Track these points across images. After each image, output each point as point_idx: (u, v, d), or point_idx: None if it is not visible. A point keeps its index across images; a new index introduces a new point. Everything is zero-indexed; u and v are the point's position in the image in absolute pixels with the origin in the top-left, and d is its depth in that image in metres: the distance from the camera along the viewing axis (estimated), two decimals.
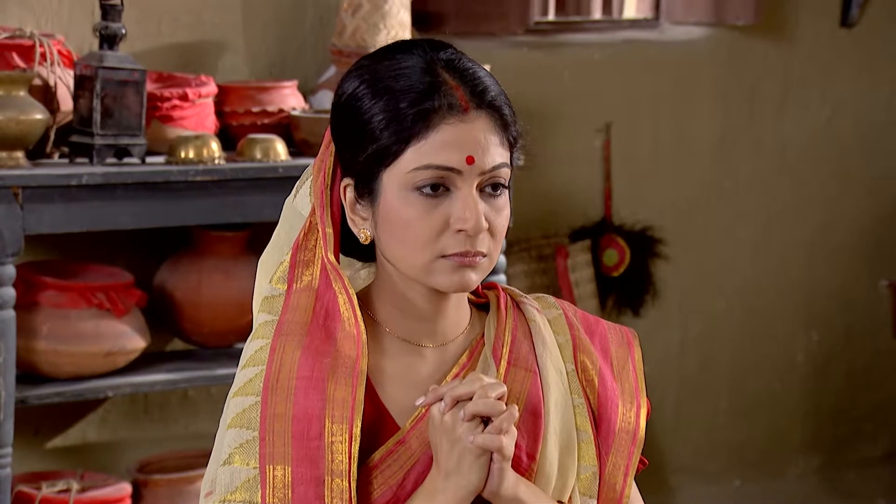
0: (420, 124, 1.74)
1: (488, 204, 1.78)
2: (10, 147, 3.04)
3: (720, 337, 4.48)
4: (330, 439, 1.72)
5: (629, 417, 1.90)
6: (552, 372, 1.87)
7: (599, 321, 1.98)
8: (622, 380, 1.92)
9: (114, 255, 3.49)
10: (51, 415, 3.49)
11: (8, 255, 3.00)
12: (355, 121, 1.77)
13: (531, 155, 3.85)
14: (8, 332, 3.00)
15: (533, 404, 1.83)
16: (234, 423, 1.75)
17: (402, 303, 1.82)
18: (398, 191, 1.75)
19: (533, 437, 1.82)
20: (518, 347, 1.86)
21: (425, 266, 1.77)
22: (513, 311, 1.91)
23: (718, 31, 4.35)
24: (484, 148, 1.76)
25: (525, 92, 4.00)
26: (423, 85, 1.74)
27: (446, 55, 1.78)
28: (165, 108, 3.26)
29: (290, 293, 1.81)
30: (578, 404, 1.87)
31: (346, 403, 1.73)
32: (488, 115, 1.77)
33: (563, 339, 1.91)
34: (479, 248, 1.77)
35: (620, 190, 4.21)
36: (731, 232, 4.46)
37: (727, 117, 4.40)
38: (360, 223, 1.80)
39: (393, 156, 1.75)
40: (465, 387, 1.74)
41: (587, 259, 4.03)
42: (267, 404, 1.73)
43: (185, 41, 3.56)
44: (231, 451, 1.73)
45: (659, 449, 4.39)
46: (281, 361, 1.76)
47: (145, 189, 3.10)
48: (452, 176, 1.75)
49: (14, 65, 3.15)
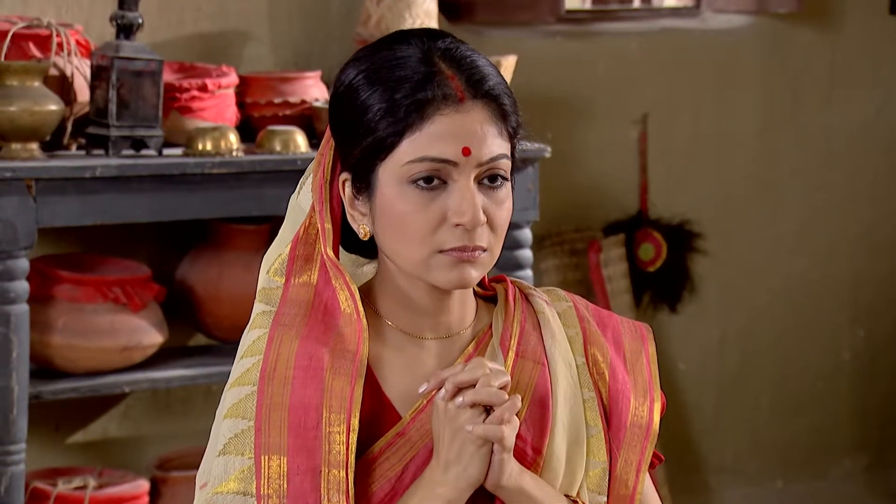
0: (414, 115, 1.70)
1: (487, 197, 1.74)
2: (24, 138, 2.99)
3: (762, 333, 4.39)
4: (327, 430, 1.68)
5: (642, 412, 1.85)
6: (561, 364, 1.82)
7: (612, 315, 1.93)
8: (635, 373, 1.87)
9: (136, 249, 3.45)
10: (72, 410, 3.45)
11: (21, 249, 2.95)
12: (351, 112, 1.74)
13: (563, 148, 3.81)
14: (21, 327, 2.95)
15: (541, 396, 1.79)
16: (230, 413, 1.72)
17: (404, 298, 1.79)
18: (394, 184, 1.72)
19: (540, 431, 1.78)
20: (526, 339, 1.82)
21: (423, 261, 1.73)
22: (521, 303, 1.87)
23: (761, 19, 4.26)
24: (481, 139, 1.72)
25: (557, 83, 3.94)
26: (418, 75, 1.71)
27: (444, 44, 1.74)
28: (184, 99, 3.21)
29: (289, 287, 1.79)
30: (589, 398, 1.83)
31: (344, 394, 1.70)
32: (485, 105, 1.73)
33: (574, 332, 1.87)
34: (479, 242, 1.73)
35: (657, 183, 4.14)
36: (774, 225, 4.37)
37: (770, 108, 4.31)
38: (359, 218, 1.77)
39: (388, 148, 1.72)
40: (468, 373, 1.70)
41: (621, 253, 3.95)
42: (263, 394, 1.71)
43: (209, 31, 3.51)
44: (226, 441, 1.70)
45: (698, 449, 4.31)
46: (279, 351, 1.73)
47: (161, 182, 3.05)
48: (448, 168, 1.71)
49: (30, 55, 3.10)
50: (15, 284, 2.95)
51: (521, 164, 3.36)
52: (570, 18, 3.97)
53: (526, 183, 3.36)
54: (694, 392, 4.29)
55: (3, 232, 2.92)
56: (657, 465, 1.89)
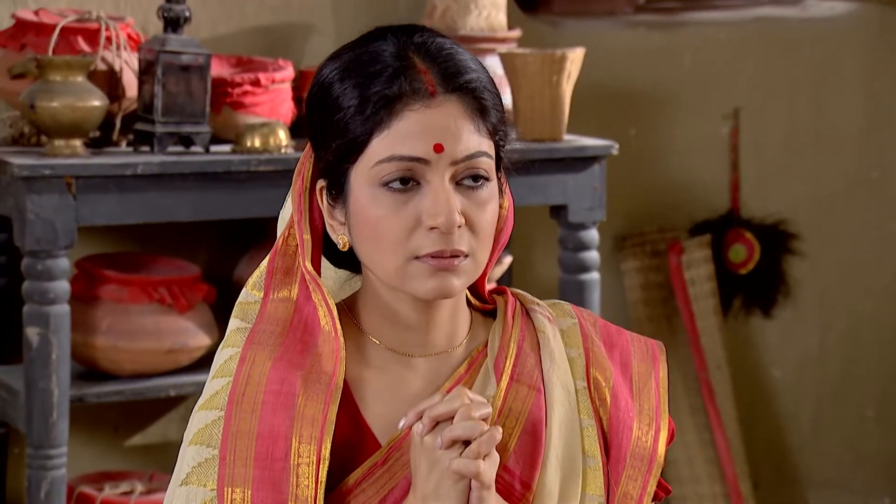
0: (383, 112, 1.60)
1: (467, 197, 1.62)
2: (66, 135, 2.92)
3: (866, 339, 4.18)
4: (296, 461, 1.59)
5: (645, 442, 1.72)
6: (558, 389, 1.71)
7: (622, 332, 1.80)
8: (641, 399, 1.75)
9: (194, 249, 3.37)
10: (131, 412, 3.39)
11: (60, 248, 2.88)
12: (322, 111, 1.65)
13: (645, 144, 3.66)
14: (61, 328, 2.88)
15: (533, 425, 1.67)
16: (195, 439, 1.63)
17: (388, 313, 1.68)
18: (366, 188, 1.62)
19: (530, 463, 1.66)
20: (523, 361, 1.71)
21: (399, 270, 1.62)
22: (521, 319, 1.75)
23: (867, 6, 4.05)
24: (455, 135, 1.60)
25: (640, 76, 3.78)
26: (388, 70, 1.61)
27: (420, 38, 1.64)
28: (236, 94, 3.11)
29: (267, 301, 1.69)
30: (588, 426, 1.71)
31: (315, 422, 1.60)
32: (460, 100, 1.61)
33: (576, 353, 1.74)
34: (457, 246, 1.61)
35: (750, 181, 3.95)
36: (879, 226, 4.15)
37: (875, 102, 4.09)
38: (338, 228, 1.67)
39: (358, 148, 1.62)
40: (445, 405, 1.59)
41: (705, 255, 3.77)
42: (230, 420, 1.62)
43: (271, 24, 3.42)
44: (189, 470, 1.62)
45: (795, 462, 4.12)
46: (249, 373, 1.64)
47: (205, 179, 2.95)
48: (421, 167, 1.60)
49: (79, 49, 3.03)
50: (54, 285, 2.88)
51: (585, 163, 3.20)
52: (654, 8, 3.80)
53: (592, 182, 3.21)
54: (790, 402, 4.09)
55: (43, 231, 2.86)
56: (662, 497, 1.77)
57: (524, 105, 3.17)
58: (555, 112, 3.17)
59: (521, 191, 3.18)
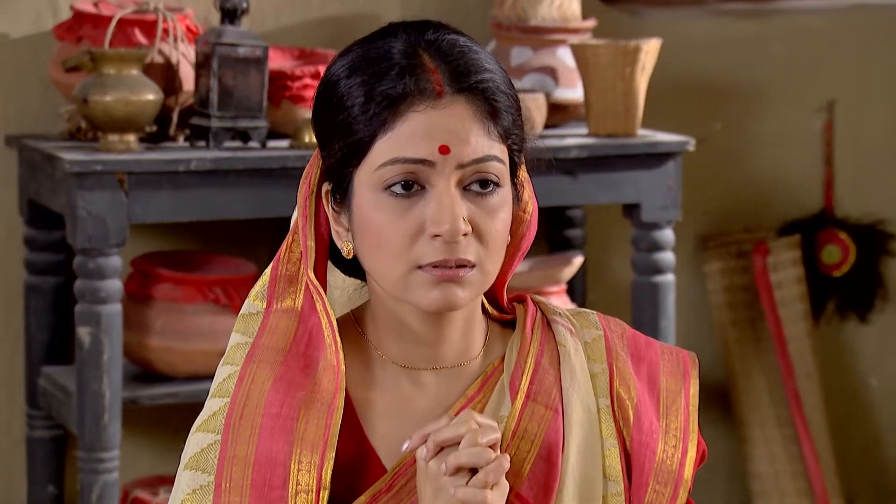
0: (387, 112, 1.52)
1: (475, 204, 1.53)
2: (120, 129, 2.85)
3: None
4: (295, 489, 1.52)
5: (671, 464, 1.62)
6: (578, 410, 1.61)
7: (652, 344, 1.70)
8: (669, 417, 1.65)
9: (256, 247, 3.29)
10: (191, 414, 3.31)
11: (112, 246, 2.81)
12: (327, 111, 1.57)
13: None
14: (113, 328, 2.82)
15: (549, 449, 1.57)
16: (190, 463, 1.57)
17: (396, 325, 1.59)
18: (369, 192, 1.54)
19: (545, 490, 1.57)
20: (541, 378, 1.61)
21: (401, 279, 1.54)
22: (541, 331, 1.64)
23: None
24: (462, 137, 1.52)
25: (726, 67, 3.63)
26: (395, 69, 1.52)
27: (433, 35, 1.55)
28: (296, 88, 3.02)
29: (269, 313, 1.62)
30: (610, 446, 1.61)
31: (316, 447, 1.53)
32: (470, 101, 1.53)
33: (600, 368, 1.64)
34: (463, 255, 1.52)
35: (845, 178, 3.78)
36: None
37: None
38: (343, 234, 1.59)
39: (362, 150, 1.54)
40: (451, 430, 1.50)
41: (794, 257, 3.60)
42: (227, 445, 1.55)
43: (337, 15, 3.33)
44: (184, 496, 1.55)
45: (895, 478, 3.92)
46: (248, 394, 1.56)
47: (259, 176, 2.87)
48: (425, 171, 1.52)
49: (135, 41, 2.97)
50: (106, 283, 2.82)
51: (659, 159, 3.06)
52: None
53: (666, 179, 3.07)
54: (890, 412, 3.90)
55: (94, 228, 2.80)
56: None
57: (596, 99, 3.04)
58: (628, 106, 3.03)
59: (591, 189, 3.07)
